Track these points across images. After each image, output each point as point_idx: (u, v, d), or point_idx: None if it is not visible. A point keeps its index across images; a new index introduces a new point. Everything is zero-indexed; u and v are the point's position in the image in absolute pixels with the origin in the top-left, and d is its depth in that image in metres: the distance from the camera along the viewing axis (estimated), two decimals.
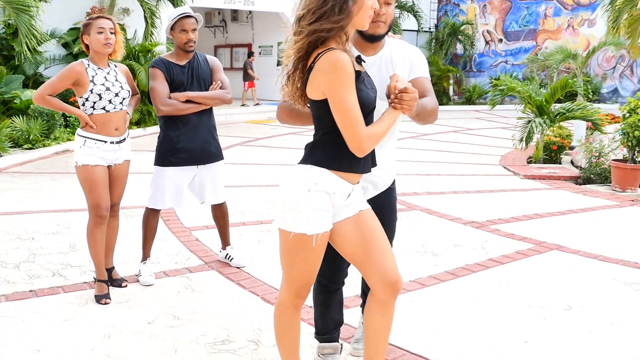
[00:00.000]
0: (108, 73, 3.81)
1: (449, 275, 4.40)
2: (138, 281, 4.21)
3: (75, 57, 13.41)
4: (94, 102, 3.74)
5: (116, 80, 3.83)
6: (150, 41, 13.17)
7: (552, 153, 9.55)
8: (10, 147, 9.69)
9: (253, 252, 4.91)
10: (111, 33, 3.74)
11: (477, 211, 6.37)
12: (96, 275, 3.96)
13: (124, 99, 3.85)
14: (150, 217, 4.23)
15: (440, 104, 17.24)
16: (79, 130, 3.81)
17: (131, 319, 3.64)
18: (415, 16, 19.13)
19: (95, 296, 3.89)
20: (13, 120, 10.05)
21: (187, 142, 4.07)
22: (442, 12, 21.74)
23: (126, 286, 4.14)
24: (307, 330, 3.22)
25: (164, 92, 3.94)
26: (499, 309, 3.80)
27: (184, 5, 4.52)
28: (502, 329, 3.51)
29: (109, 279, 4.15)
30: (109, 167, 3.89)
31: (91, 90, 3.72)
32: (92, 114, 3.76)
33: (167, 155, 4.09)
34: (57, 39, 13.03)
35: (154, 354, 3.20)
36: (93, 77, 3.74)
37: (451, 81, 20.41)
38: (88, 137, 3.77)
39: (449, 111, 19.08)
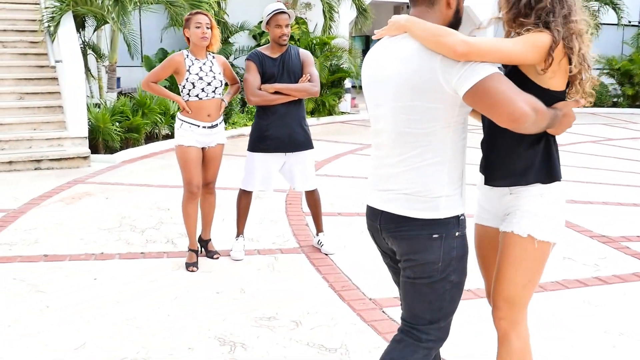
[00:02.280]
0: (204, 64, 4.19)
1: (536, 288, 4.12)
2: (229, 255, 4.58)
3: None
4: (189, 90, 4.16)
5: (210, 70, 4.20)
6: (329, 34, 13.70)
7: None
8: None
9: (351, 242, 5.02)
10: (208, 28, 4.11)
11: (617, 225, 5.78)
12: (189, 244, 4.40)
13: (216, 88, 4.21)
14: (243, 197, 4.56)
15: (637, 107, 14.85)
16: (178, 114, 4.26)
17: (205, 287, 4.01)
18: (614, 9, 17.18)
19: (185, 263, 4.33)
20: None
21: (275, 130, 4.33)
22: None
23: (217, 258, 4.52)
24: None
25: (255, 84, 4.23)
26: (568, 330, 3.50)
27: (276, 2, 4.76)
28: (555, 351, 3.25)
29: (205, 250, 4.58)
30: (203, 149, 4.29)
31: (187, 79, 4.13)
32: (188, 100, 4.18)
33: (256, 142, 4.39)
34: (246, 31, 14.09)
35: (205, 318, 3.51)
36: (189, 66, 4.15)
37: None
38: (184, 121, 4.20)
39: None
